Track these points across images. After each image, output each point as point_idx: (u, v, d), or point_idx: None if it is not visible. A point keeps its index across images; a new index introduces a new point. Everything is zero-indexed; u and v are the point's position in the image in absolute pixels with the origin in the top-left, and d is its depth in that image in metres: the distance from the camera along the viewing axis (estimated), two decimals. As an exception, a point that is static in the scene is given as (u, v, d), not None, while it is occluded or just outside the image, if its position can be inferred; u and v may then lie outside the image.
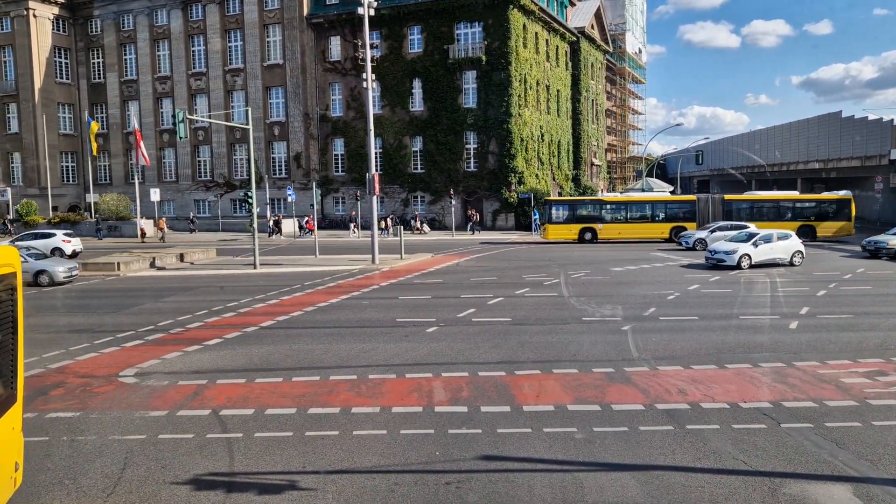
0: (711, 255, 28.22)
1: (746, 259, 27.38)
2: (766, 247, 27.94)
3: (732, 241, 28.95)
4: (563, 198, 47.97)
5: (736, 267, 27.28)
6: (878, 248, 31.54)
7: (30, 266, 26.13)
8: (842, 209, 42.27)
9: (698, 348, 15.21)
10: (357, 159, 55.83)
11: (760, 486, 8.46)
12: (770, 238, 28.15)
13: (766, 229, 29.86)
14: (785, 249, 28.31)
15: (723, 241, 29.63)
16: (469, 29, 52.72)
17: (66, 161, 65.38)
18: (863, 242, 33.12)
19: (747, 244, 27.80)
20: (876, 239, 32.26)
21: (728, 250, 27.66)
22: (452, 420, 10.86)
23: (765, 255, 27.94)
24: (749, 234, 29.18)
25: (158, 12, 61.65)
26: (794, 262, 28.48)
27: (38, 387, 13.01)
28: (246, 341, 16.61)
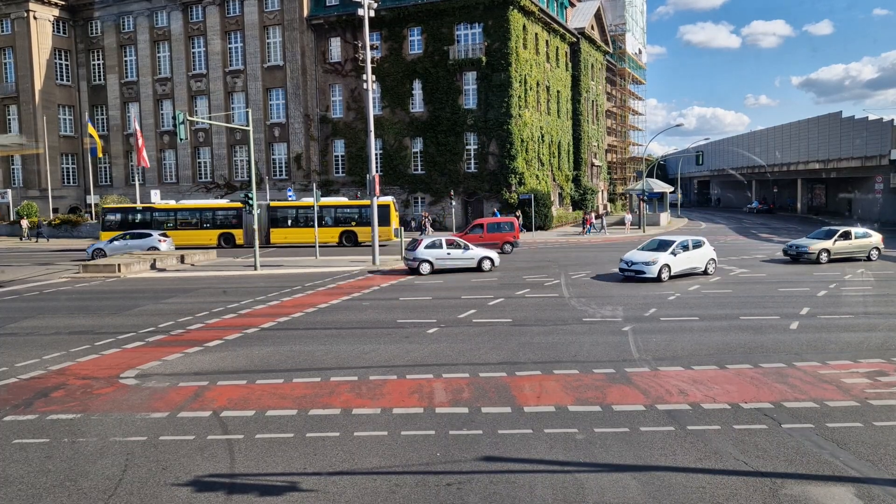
0: (627, 267, 25.24)
1: (666, 270, 24.84)
2: (684, 255, 25.47)
3: (644, 249, 26.06)
4: (118, 205, 47.50)
5: (656, 279, 24.69)
6: (800, 252, 30.11)
7: None
8: (384, 214, 41.55)
9: (698, 349, 15.21)
10: (357, 160, 55.84)
11: (761, 486, 8.46)
12: (687, 245, 25.80)
13: (682, 237, 26.76)
14: (701, 258, 26.19)
15: (636, 251, 26.26)
16: (469, 30, 52.73)
17: (66, 163, 65.39)
18: (784, 247, 31.66)
19: (665, 253, 25.07)
20: (797, 243, 30.84)
21: (647, 260, 24.81)
22: (453, 421, 10.86)
23: (684, 265, 25.58)
24: (661, 243, 26.33)
25: (158, 14, 61.68)
26: (709, 270, 26.47)
27: (38, 388, 13.02)
28: (246, 343, 16.61)
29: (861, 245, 30.35)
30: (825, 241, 29.94)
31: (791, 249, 30.48)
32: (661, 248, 25.74)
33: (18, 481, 8.95)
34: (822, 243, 29.82)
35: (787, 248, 30.93)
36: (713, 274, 26.39)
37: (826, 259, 29.55)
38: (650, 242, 26.65)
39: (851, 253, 30.23)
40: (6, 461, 9.62)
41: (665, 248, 25.53)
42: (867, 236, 30.65)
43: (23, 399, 12.40)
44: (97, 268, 30.57)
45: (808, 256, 29.56)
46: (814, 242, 30.04)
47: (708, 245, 26.71)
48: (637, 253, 25.90)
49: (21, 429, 10.89)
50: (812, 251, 29.54)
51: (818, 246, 29.67)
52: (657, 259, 24.71)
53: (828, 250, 29.63)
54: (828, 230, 31.30)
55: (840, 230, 30.48)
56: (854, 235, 30.34)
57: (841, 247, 29.87)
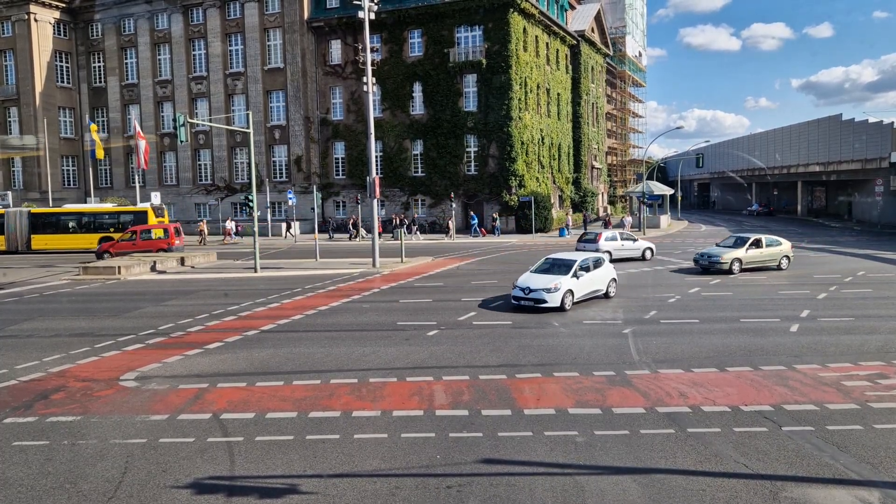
0: (524, 295, 20.28)
1: (570, 296, 20.41)
2: (587, 277, 21.33)
3: (538, 272, 21.34)
4: None
5: (559, 308, 20.03)
6: (712, 262, 27.76)
7: None
8: (140, 220, 42.04)
9: (699, 351, 15.21)
10: (358, 163, 55.86)
11: (762, 489, 8.46)
12: (588, 266, 21.57)
13: (581, 255, 22.50)
14: (602, 278, 22.16)
15: (531, 273, 21.40)
16: (469, 32, 52.77)
17: (66, 165, 65.42)
18: (695, 256, 29.13)
19: (567, 277, 20.53)
20: (709, 252, 28.50)
21: (547, 287, 20.01)
22: (453, 423, 10.86)
23: (587, 288, 21.46)
24: (555, 263, 21.64)
25: (159, 16, 61.76)
26: (610, 292, 22.42)
27: (38, 391, 13.02)
28: (247, 345, 16.61)
29: (772, 254, 28.78)
30: (737, 250, 27.99)
31: (702, 259, 28.23)
32: (558, 269, 21.13)
33: (18, 483, 8.95)
34: (733, 252, 27.87)
35: (698, 257, 28.65)
36: (614, 296, 22.47)
37: (738, 269, 27.67)
38: (543, 262, 21.99)
39: (763, 262, 28.57)
40: (6, 463, 9.62)
41: (564, 271, 20.88)
42: (777, 244, 29.12)
43: (23, 401, 12.40)
44: (97, 270, 30.58)
45: (720, 266, 27.44)
46: (725, 251, 28.04)
47: (608, 264, 23.02)
48: (534, 277, 20.83)
49: (21, 431, 10.89)
50: (724, 261, 27.45)
51: (730, 255, 27.67)
52: (559, 284, 20.13)
53: (740, 259, 27.73)
54: (737, 238, 29.40)
55: (751, 238, 28.70)
56: (765, 243, 28.69)
57: (753, 255, 28.15)
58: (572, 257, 21.79)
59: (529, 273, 21.47)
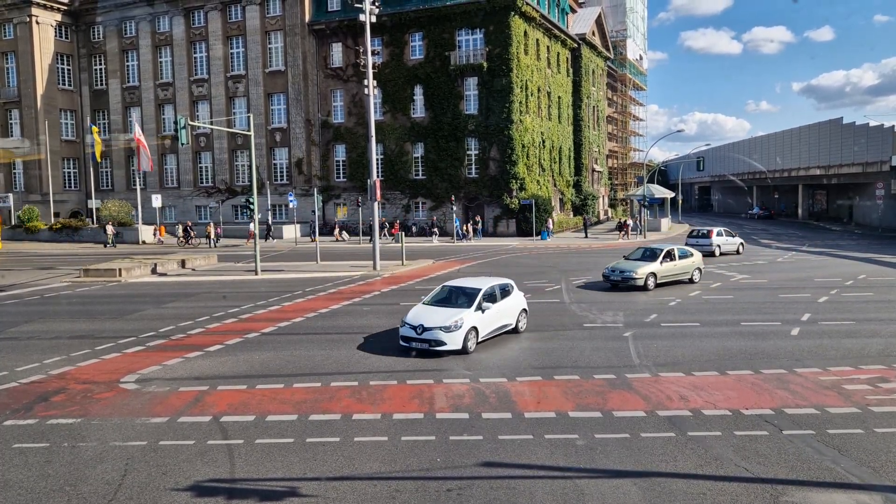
0: (417, 335, 15.53)
1: (473, 335, 15.84)
2: (495, 309, 16.75)
3: (433, 304, 16.73)
4: None
5: (461, 351, 15.53)
6: (625, 277, 24.91)
7: None
8: None
9: (699, 355, 15.20)
10: (358, 165, 55.87)
11: (762, 493, 8.44)
12: (495, 294, 17.11)
13: (486, 281, 17.88)
14: (512, 310, 17.62)
15: (421, 305, 16.84)
16: (470, 35, 52.81)
17: (67, 167, 65.46)
18: (605, 271, 26.04)
19: (471, 310, 16.00)
20: (621, 267, 25.50)
21: (446, 325, 15.38)
22: (453, 427, 10.85)
23: (495, 323, 16.88)
24: (453, 292, 17.18)
25: (161, 19, 61.83)
26: (520, 326, 17.90)
27: (39, 393, 13.02)
28: (247, 347, 16.61)
29: (685, 266, 26.44)
30: (651, 264, 25.41)
31: (613, 274, 25.36)
32: (458, 300, 16.64)
33: (18, 486, 8.94)
34: (648, 266, 25.23)
35: (609, 272, 25.64)
36: (524, 330, 17.98)
37: (653, 284, 25.08)
38: (439, 291, 17.45)
39: (676, 275, 26.16)
40: (6, 465, 9.61)
41: (466, 302, 16.42)
42: (689, 256, 26.88)
43: (23, 403, 12.40)
44: (98, 272, 30.58)
45: (634, 282, 24.80)
46: (640, 265, 25.33)
47: (518, 291, 18.48)
48: (428, 311, 16.15)
49: (21, 433, 10.89)
50: (638, 276, 24.79)
51: (645, 269, 25.05)
52: (461, 320, 15.59)
53: (655, 274, 25.20)
54: (649, 250, 26.78)
55: (664, 250, 26.22)
56: (677, 255, 26.29)
57: (667, 269, 25.72)
58: (475, 285, 17.31)
59: (422, 305, 16.86)
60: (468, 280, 18.38)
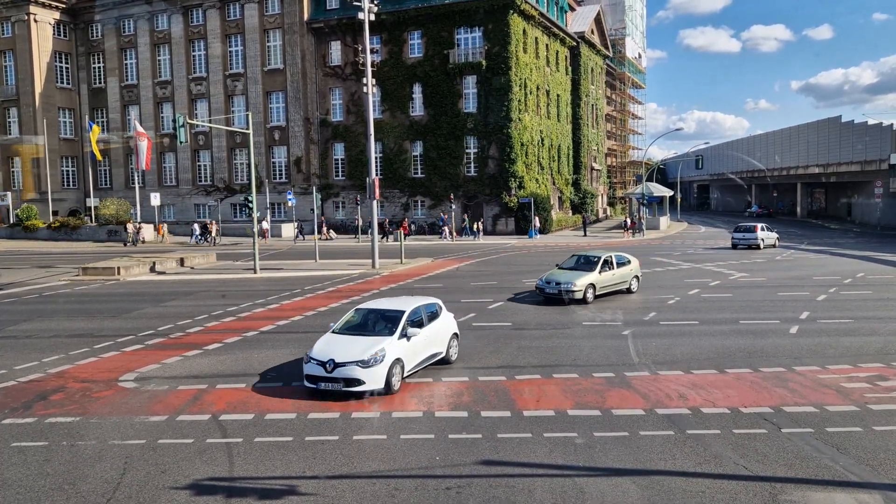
0: (327, 373, 12.36)
1: (398, 369, 12.77)
2: (423, 336, 13.72)
3: (345, 332, 13.66)
4: None
5: (384, 390, 12.43)
6: (563, 290, 21.63)
7: None
8: None
9: (698, 353, 15.21)
10: (357, 164, 55.85)
11: (761, 491, 8.45)
12: (420, 319, 14.05)
13: (412, 302, 14.62)
14: (441, 335, 14.48)
15: (331, 334, 13.67)
16: (469, 34, 52.79)
17: (66, 166, 65.39)
18: (539, 283, 22.74)
19: (394, 338, 13.04)
20: (556, 278, 22.12)
21: (363, 359, 12.34)
22: (453, 425, 10.85)
23: (423, 352, 13.81)
24: (373, 316, 14.11)
25: (159, 17, 61.75)
26: (452, 354, 14.72)
27: (37, 391, 13.01)
28: (246, 346, 16.60)
29: (623, 275, 23.69)
30: (590, 274, 22.42)
31: (550, 287, 22.10)
32: (377, 326, 13.70)
33: (17, 484, 8.94)
34: (586, 276, 22.23)
35: (544, 284, 22.42)
36: (456, 359, 14.85)
37: (592, 296, 22.06)
38: (353, 314, 14.38)
39: (616, 285, 23.41)
40: (5, 464, 9.61)
41: (386, 328, 13.45)
42: (626, 262, 24.05)
43: (22, 402, 12.39)
44: (96, 270, 30.55)
45: (573, 295, 21.63)
46: (578, 276, 22.20)
47: (447, 313, 15.19)
48: (340, 342, 13.04)
49: (20, 432, 10.88)
50: (578, 288, 21.66)
51: (585, 280, 22.00)
52: (382, 352, 12.46)
53: (594, 285, 22.28)
54: (584, 258, 23.91)
55: (602, 257, 23.30)
56: (616, 263, 23.51)
57: (607, 279, 22.92)
58: (397, 306, 14.27)
59: (331, 334, 13.57)
60: (388, 301, 15.35)
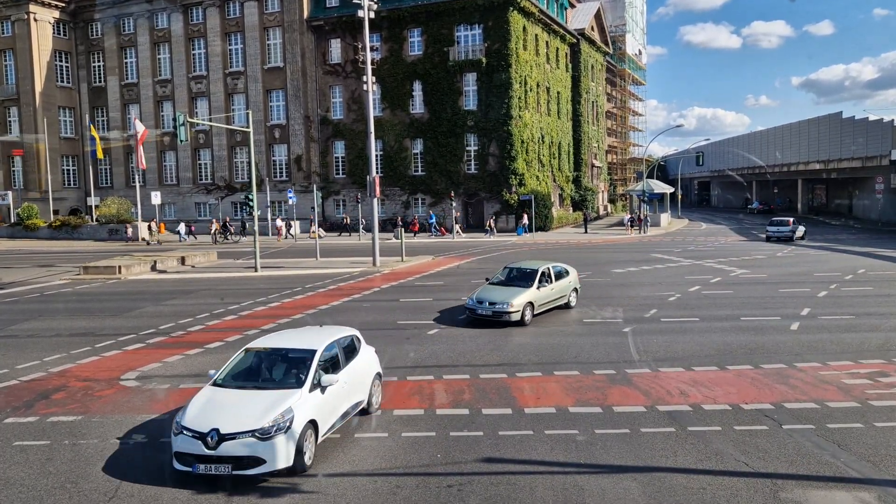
0: (209, 447, 8.89)
1: (310, 436, 9.43)
2: (340, 382, 10.32)
3: (232, 383, 10.11)
4: None
5: (293, 468, 9.02)
6: (497, 312, 17.96)
7: None
8: None
9: (699, 350, 15.21)
10: (358, 162, 55.84)
11: (762, 487, 8.46)
12: (336, 361, 10.84)
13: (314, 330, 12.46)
14: (362, 379, 11.34)
15: (210, 388, 10.01)
16: (469, 31, 52.74)
17: (66, 165, 65.40)
18: (469, 303, 18.89)
19: (301, 391, 9.62)
20: (489, 298, 18.43)
21: (261, 428, 8.90)
22: (454, 422, 10.86)
23: (341, 407, 10.48)
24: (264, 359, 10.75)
25: (159, 15, 61.70)
26: (374, 402, 11.55)
27: (39, 390, 13.02)
28: (247, 344, 16.58)
29: (562, 288, 20.12)
30: (527, 290, 18.68)
31: (482, 307, 18.31)
32: (271, 375, 10.48)
33: (19, 483, 8.96)
34: (524, 293, 18.49)
35: (475, 303, 18.59)
36: (377, 409, 11.55)
37: (530, 316, 18.42)
38: (243, 358, 10.74)
39: (554, 300, 19.82)
40: (7, 463, 9.62)
41: (289, 377, 10.20)
42: (565, 274, 20.53)
43: (24, 401, 12.41)
44: (97, 269, 30.56)
45: (509, 317, 17.92)
46: (513, 293, 18.46)
47: (367, 346, 12.16)
48: (221, 402, 9.59)
49: (22, 431, 10.90)
50: (515, 308, 17.95)
51: (522, 299, 18.28)
52: (289, 415, 9.14)
53: (533, 303, 18.61)
54: (517, 271, 20.01)
55: (539, 269, 19.52)
56: (553, 275, 19.90)
57: (545, 295, 19.29)
58: (304, 343, 10.64)
59: (213, 388, 9.91)
60: (291, 336, 11.63)
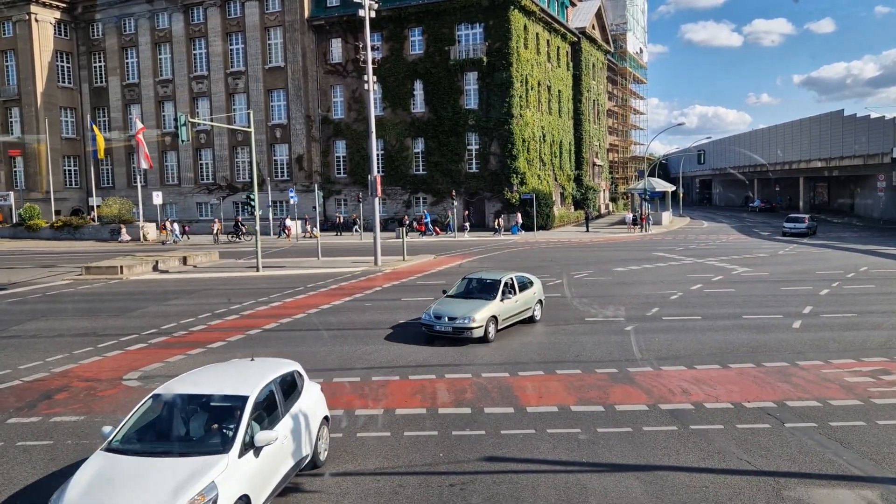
0: None
1: None
2: (277, 443, 8.05)
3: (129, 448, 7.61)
4: None
5: None
6: (458, 328, 15.86)
7: None
8: None
9: (701, 348, 15.20)
10: (359, 161, 55.84)
11: (765, 486, 8.45)
12: (274, 407, 8.59)
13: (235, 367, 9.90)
14: (308, 432, 9.00)
15: (102, 454, 7.57)
16: (470, 30, 52.72)
17: (68, 165, 65.46)
18: (425, 318, 16.56)
19: (227, 458, 7.31)
20: (449, 312, 16.16)
21: None
22: (456, 421, 10.87)
23: (282, 471, 8.30)
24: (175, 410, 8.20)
25: (160, 16, 61.74)
26: (321, 452, 9.37)
27: (42, 391, 13.04)
28: (249, 344, 16.62)
29: (526, 300, 17.91)
30: (489, 303, 16.48)
31: (441, 323, 16.12)
32: (184, 430, 8.02)
33: (23, 483, 8.97)
34: (487, 307, 16.29)
35: (432, 319, 16.32)
36: (322, 463, 9.45)
37: (494, 332, 16.33)
38: (149, 408, 8.18)
39: (519, 314, 17.60)
40: (11, 463, 9.64)
41: (220, 436, 7.72)
42: (529, 285, 18.32)
43: (26, 401, 12.42)
44: (99, 270, 30.59)
45: (471, 333, 15.81)
46: (475, 307, 16.27)
47: (311, 384, 10.22)
48: (109, 479, 7.07)
49: (25, 431, 10.91)
50: (477, 324, 15.82)
51: (485, 313, 16.10)
52: (212, 497, 6.81)
53: (496, 318, 16.45)
54: (477, 282, 17.75)
55: (501, 279, 17.31)
56: (517, 286, 17.68)
57: (509, 308, 17.10)
58: (231, 386, 8.42)
59: (104, 455, 7.55)
60: (215, 374, 9.35)
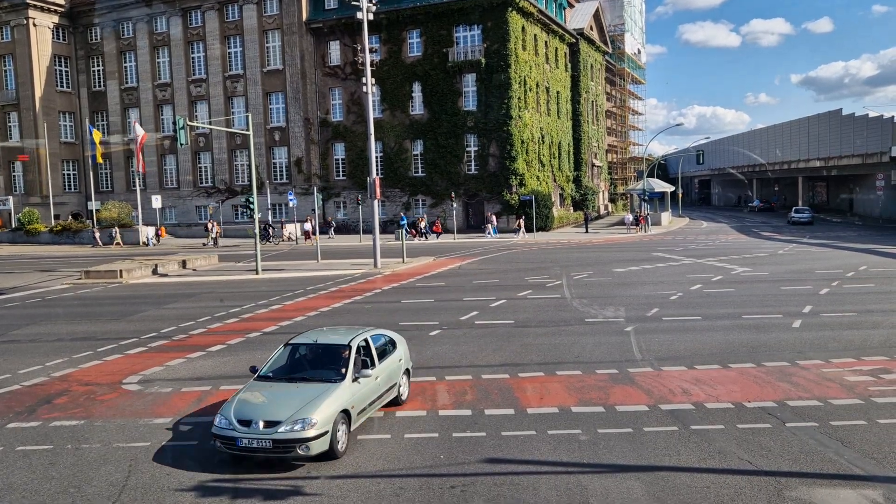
0: None
1: None
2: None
3: None
4: None
5: None
6: (281, 442, 9.13)
7: None
8: None
9: (701, 348, 15.19)
10: (358, 163, 55.86)
11: (766, 486, 8.44)
12: None
13: None
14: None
15: None
16: (468, 32, 52.76)
17: (67, 169, 65.47)
18: (218, 424, 9.45)
19: None
20: (267, 415, 9.39)
21: None
22: (457, 423, 10.85)
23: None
24: None
25: (158, 19, 61.76)
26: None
27: (41, 395, 13.02)
28: (249, 347, 16.60)
29: (390, 373, 11.40)
30: (337, 389, 9.84)
31: (249, 434, 9.17)
32: None
33: (22, 488, 8.95)
34: (331, 398, 9.60)
35: (228, 424, 9.33)
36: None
37: (345, 438, 9.75)
38: None
39: (381, 397, 11.03)
40: (10, 468, 9.62)
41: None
42: (391, 349, 11.89)
43: (26, 406, 12.40)
44: (99, 274, 30.58)
45: (309, 448, 9.11)
46: (307, 400, 9.55)
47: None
48: None
49: (24, 436, 10.89)
50: (318, 431, 9.15)
51: (330, 409, 9.46)
52: None
53: (348, 412, 9.83)
54: (308, 351, 11.20)
55: (352, 344, 10.73)
56: (375, 351, 11.22)
57: (369, 390, 10.49)
58: None
59: None
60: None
